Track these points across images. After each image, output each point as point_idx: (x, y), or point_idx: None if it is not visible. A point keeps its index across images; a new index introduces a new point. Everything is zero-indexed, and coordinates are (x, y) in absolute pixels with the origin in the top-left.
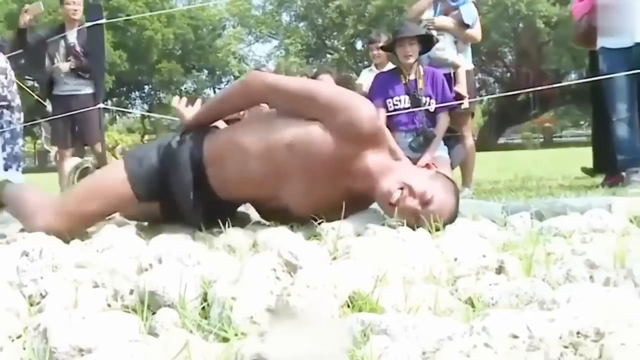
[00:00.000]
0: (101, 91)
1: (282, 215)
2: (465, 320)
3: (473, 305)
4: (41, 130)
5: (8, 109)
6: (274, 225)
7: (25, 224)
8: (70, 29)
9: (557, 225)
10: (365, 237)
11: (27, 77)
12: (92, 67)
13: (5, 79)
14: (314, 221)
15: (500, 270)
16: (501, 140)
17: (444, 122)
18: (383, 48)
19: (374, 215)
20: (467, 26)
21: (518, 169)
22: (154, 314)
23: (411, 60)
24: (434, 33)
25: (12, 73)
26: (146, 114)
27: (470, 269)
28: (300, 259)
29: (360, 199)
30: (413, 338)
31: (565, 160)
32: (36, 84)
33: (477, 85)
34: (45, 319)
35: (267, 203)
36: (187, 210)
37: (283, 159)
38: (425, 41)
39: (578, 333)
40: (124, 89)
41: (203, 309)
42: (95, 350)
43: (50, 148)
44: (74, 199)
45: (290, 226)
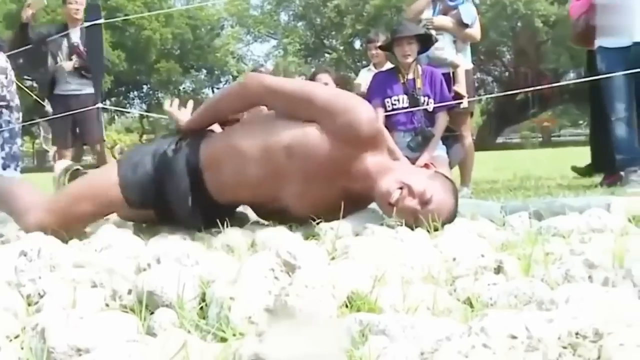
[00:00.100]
0: (99, 91)
1: (281, 215)
2: (464, 320)
3: (472, 306)
4: (40, 130)
5: (7, 108)
6: (273, 225)
7: (17, 220)
8: (73, 28)
9: (556, 225)
10: (363, 237)
11: (26, 77)
12: (91, 67)
13: (5, 78)
14: (312, 221)
15: (498, 270)
16: (500, 140)
17: (442, 122)
18: (381, 47)
19: (373, 215)
20: (466, 25)
21: (516, 169)
22: (152, 313)
23: (409, 59)
24: (433, 32)
25: (12, 73)
26: (144, 113)
27: (468, 269)
28: (299, 259)
29: (359, 199)
30: (411, 338)
31: (564, 159)
32: (35, 84)
33: (476, 84)
34: (43, 318)
35: (266, 205)
36: (185, 216)
37: (281, 162)
38: (423, 41)
39: (577, 334)
40: (123, 88)
41: (201, 309)
42: (93, 350)
43: (49, 148)
44: (65, 197)
45: (289, 226)
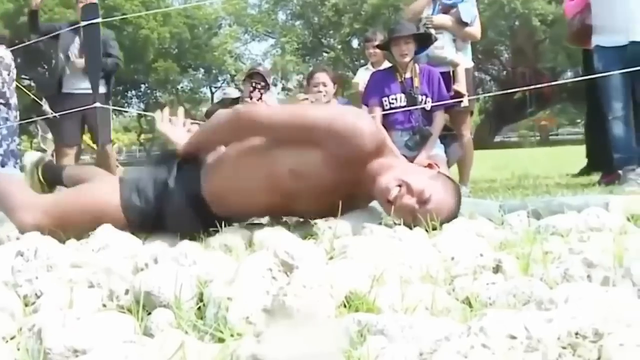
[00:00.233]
0: (97, 90)
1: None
2: (463, 320)
3: (470, 305)
4: (37, 129)
5: (5, 106)
6: (270, 225)
7: (11, 216)
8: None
9: (555, 224)
10: (362, 237)
11: (24, 77)
12: (89, 66)
13: (8, 75)
14: (310, 220)
15: (497, 269)
16: (497, 139)
17: (440, 121)
18: (379, 47)
19: (371, 214)
20: (466, 24)
21: (515, 167)
22: (150, 314)
23: (407, 59)
24: (433, 31)
25: (15, 71)
26: (142, 112)
27: (467, 268)
28: (297, 258)
29: (360, 196)
30: (410, 338)
31: (562, 158)
32: (32, 83)
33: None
34: (39, 319)
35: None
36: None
37: (289, 186)
38: (421, 40)
39: (576, 334)
40: (120, 88)
41: (199, 309)
42: (89, 351)
43: (46, 147)
44: (65, 203)
45: (287, 226)
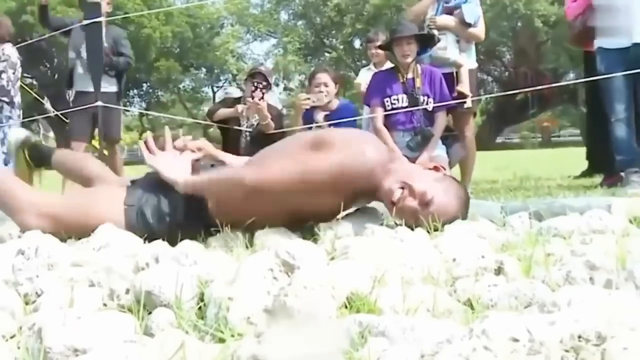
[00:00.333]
0: (98, 89)
1: None
2: (465, 322)
3: (472, 307)
4: (39, 128)
5: (9, 104)
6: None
7: (12, 217)
8: None
9: (557, 226)
10: (363, 237)
11: (26, 75)
12: (90, 65)
13: (13, 74)
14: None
15: (499, 271)
16: (499, 140)
17: (441, 121)
18: (381, 47)
19: (373, 215)
20: (469, 25)
21: (516, 169)
22: (150, 313)
23: (409, 59)
24: (436, 32)
25: (20, 70)
26: (144, 112)
27: (469, 270)
28: (298, 259)
29: (363, 197)
30: (411, 340)
31: (564, 160)
32: (34, 82)
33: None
34: (40, 318)
35: None
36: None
37: (303, 216)
38: (423, 40)
39: (579, 337)
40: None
41: (199, 309)
42: (90, 351)
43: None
44: (69, 216)
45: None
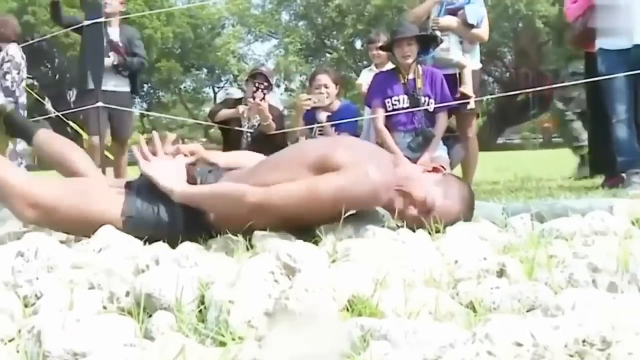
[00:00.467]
0: (99, 88)
1: None
2: (467, 325)
3: (474, 310)
4: None
5: (13, 105)
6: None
7: (6, 203)
8: (110, 25)
9: (558, 227)
10: (364, 239)
11: (27, 75)
12: (90, 66)
13: (18, 74)
14: None
15: (501, 273)
16: (500, 140)
17: (442, 122)
18: (382, 48)
19: (373, 217)
20: (472, 26)
21: (517, 170)
22: (150, 316)
23: (409, 60)
24: (439, 33)
25: (25, 70)
26: (145, 112)
27: (471, 272)
28: (299, 261)
29: None
30: (414, 344)
31: (564, 160)
32: (35, 82)
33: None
34: (39, 321)
35: None
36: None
37: (299, 227)
38: (425, 41)
39: (584, 341)
40: None
41: (200, 312)
42: (89, 355)
43: None
44: (64, 204)
45: None
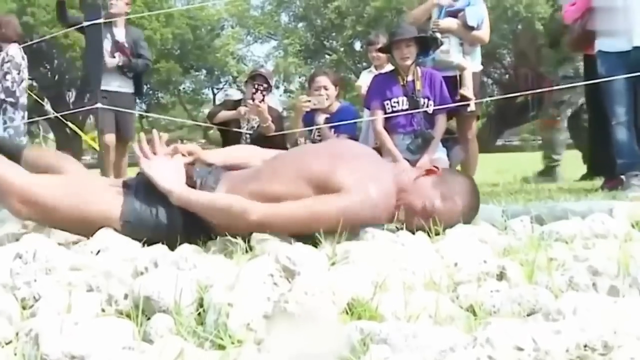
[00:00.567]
0: (98, 89)
1: None
2: (467, 329)
3: (474, 313)
4: (39, 130)
5: (12, 105)
6: None
7: (4, 200)
8: (115, 26)
9: (558, 230)
10: (364, 241)
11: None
12: (90, 66)
13: (18, 74)
14: None
15: (501, 276)
16: (499, 142)
17: (442, 124)
18: (380, 50)
19: None
20: (472, 28)
21: (517, 171)
22: (149, 319)
23: (408, 62)
24: (439, 35)
25: (26, 71)
26: (144, 113)
27: (470, 275)
28: (298, 264)
29: None
30: (414, 348)
31: (565, 163)
32: (34, 83)
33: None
34: (37, 324)
35: None
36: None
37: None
38: (424, 43)
39: (585, 346)
40: None
41: (199, 314)
42: (87, 358)
43: (48, 147)
44: (62, 202)
45: None
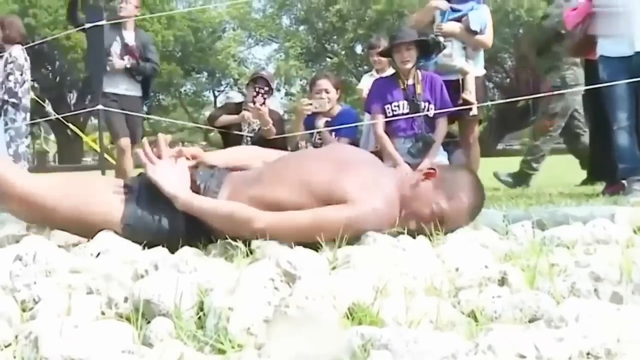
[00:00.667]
0: (100, 91)
1: None
2: (469, 335)
3: (476, 319)
4: (41, 131)
5: (14, 106)
6: None
7: (4, 201)
8: (125, 29)
9: (560, 235)
10: (365, 246)
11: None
12: (91, 68)
13: (20, 75)
14: None
15: (503, 281)
16: (500, 146)
17: (442, 128)
18: (381, 54)
19: None
20: (476, 32)
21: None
22: (149, 323)
23: (408, 65)
24: (442, 39)
25: (29, 72)
26: (145, 116)
27: (472, 280)
28: (299, 268)
29: None
30: (415, 354)
31: (565, 167)
32: (36, 84)
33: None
34: (36, 327)
35: None
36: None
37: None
38: (426, 46)
39: (588, 354)
40: None
41: (199, 318)
42: None
43: (48, 148)
44: (66, 211)
45: None
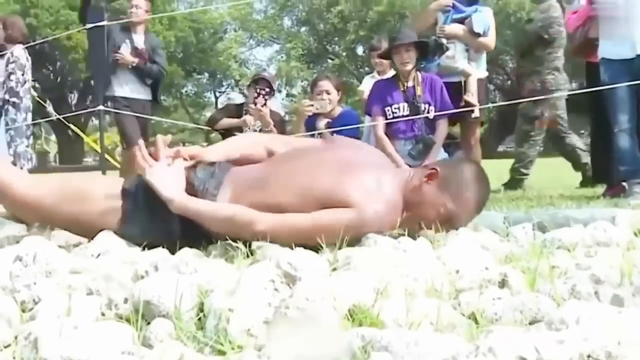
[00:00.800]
0: (102, 93)
1: None
2: (469, 336)
3: (476, 321)
4: (41, 131)
5: (14, 106)
6: None
7: (4, 202)
8: (135, 32)
9: (560, 237)
10: (365, 247)
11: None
12: (93, 69)
13: (22, 75)
14: None
15: (503, 283)
16: (500, 148)
17: (443, 129)
18: (381, 55)
19: None
20: (478, 34)
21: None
22: (149, 324)
23: (408, 67)
24: (444, 41)
25: (30, 73)
26: (146, 116)
27: (472, 282)
28: (299, 270)
29: None
30: (416, 356)
31: (565, 169)
32: (37, 84)
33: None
34: (36, 327)
35: None
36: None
37: None
38: (424, 48)
39: (589, 356)
40: None
41: (199, 319)
42: None
43: (49, 149)
44: (65, 214)
45: None
